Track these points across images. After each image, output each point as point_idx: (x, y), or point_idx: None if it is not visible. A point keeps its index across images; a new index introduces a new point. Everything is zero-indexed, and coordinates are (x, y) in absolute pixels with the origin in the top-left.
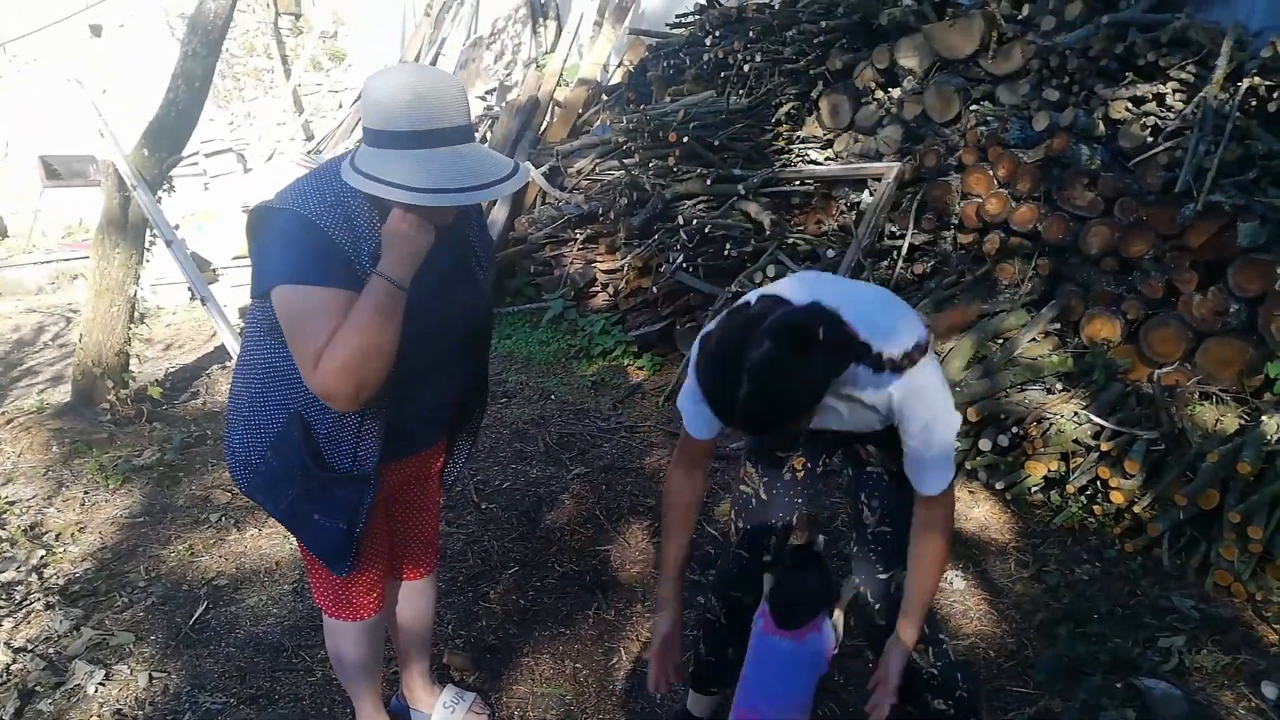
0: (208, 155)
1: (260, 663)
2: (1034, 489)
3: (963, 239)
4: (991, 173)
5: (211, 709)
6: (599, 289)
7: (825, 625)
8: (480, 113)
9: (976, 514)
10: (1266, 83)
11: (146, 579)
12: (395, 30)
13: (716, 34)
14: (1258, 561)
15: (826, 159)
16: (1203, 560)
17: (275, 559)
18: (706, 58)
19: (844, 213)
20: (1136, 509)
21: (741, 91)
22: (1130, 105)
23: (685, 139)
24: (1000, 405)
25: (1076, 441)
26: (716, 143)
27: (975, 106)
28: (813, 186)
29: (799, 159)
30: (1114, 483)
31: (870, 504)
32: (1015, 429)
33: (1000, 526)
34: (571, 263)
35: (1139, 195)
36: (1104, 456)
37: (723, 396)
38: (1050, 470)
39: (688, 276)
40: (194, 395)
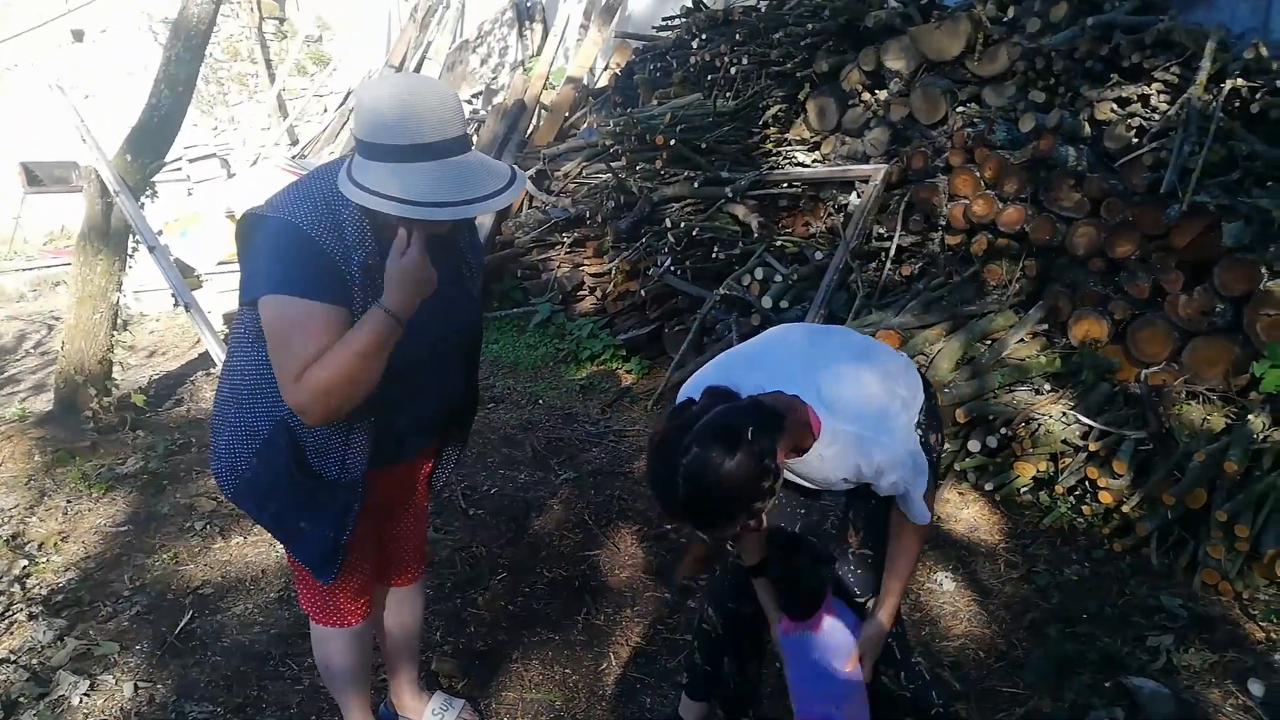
0: (191, 161)
1: (247, 671)
2: (1023, 490)
3: (950, 240)
4: (978, 174)
5: (198, 718)
6: (587, 292)
7: (836, 604)
8: (466, 116)
9: (966, 515)
10: (1249, 84)
11: (131, 588)
12: (380, 34)
13: (703, 37)
14: (1245, 560)
15: (814, 161)
16: (1191, 559)
17: (261, 567)
18: (693, 60)
19: (832, 215)
20: (1125, 509)
21: (728, 94)
22: (1115, 106)
23: (672, 142)
24: (989, 406)
25: (1065, 442)
26: (704, 145)
27: (962, 108)
28: (800, 189)
29: (786, 161)
30: (1102, 483)
31: (857, 524)
32: (1004, 430)
33: (989, 527)
34: (559, 266)
35: (1125, 196)
36: (1092, 457)
37: (666, 498)
38: (1039, 471)
39: (676, 279)
40: (178, 403)
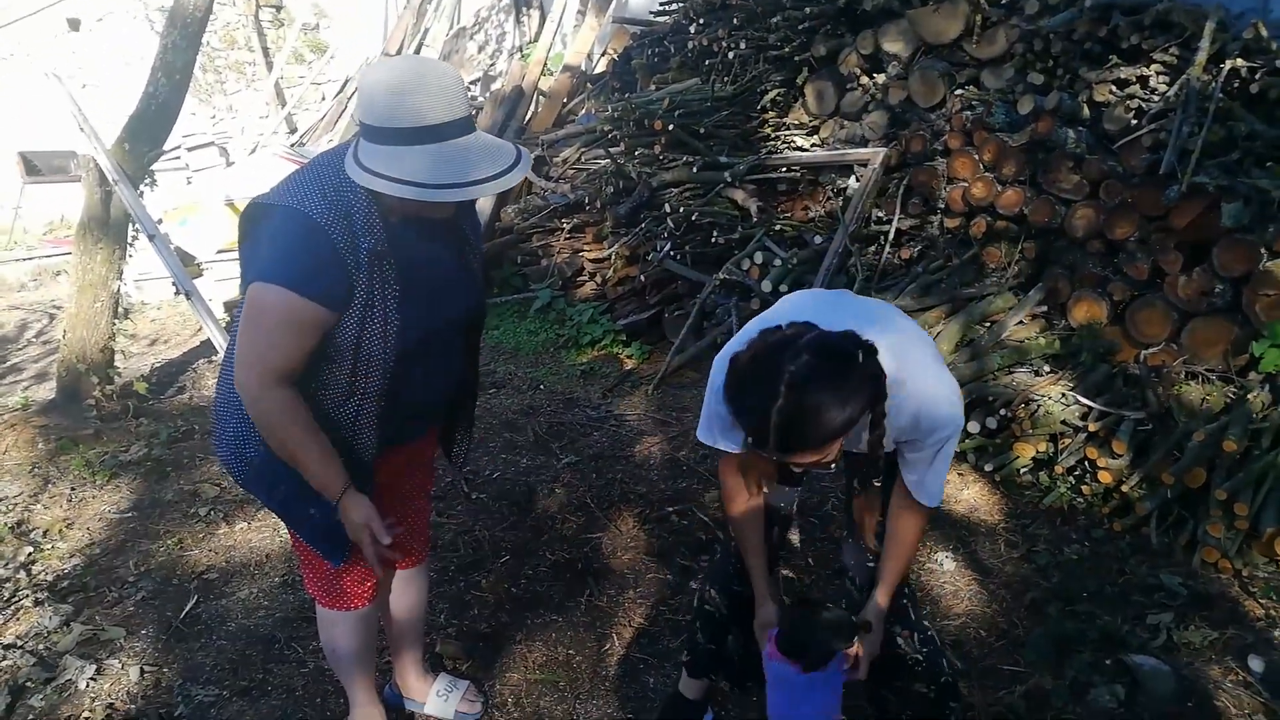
0: (190, 149)
1: (252, 655)
2: (1023, 470)
3: (949, 223)
4: (977, 157)
5: (204, 702)
6: (586, 278)
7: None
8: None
9: (966, 496)
10: (1248, 64)
11: (136, 574)
12: (378, 22)
13: (701, 21)
14: (1244, 538)
15: (812, 145)
16: (1190, 538)
17: (265, 552)
18: (691, 45)
19: (830, 199)
20: (1124, 488)
21: (727, 79)
22: (1114, 88)
23: (671, 127)
24: (988, 388)
25: (1064, 422)
26: (702, 130)
27: (960, 91)
28: (799, 173)
29: (785, 146)
30: (1102, 463)
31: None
32: (1003, 411)
33: (989, 508)
34: (559, 252)
35: (1124, 178)
36: (1092, 437)
37: (756, 412)
38: (1038, 451)
39: (675, 264)
40: (180, 390)
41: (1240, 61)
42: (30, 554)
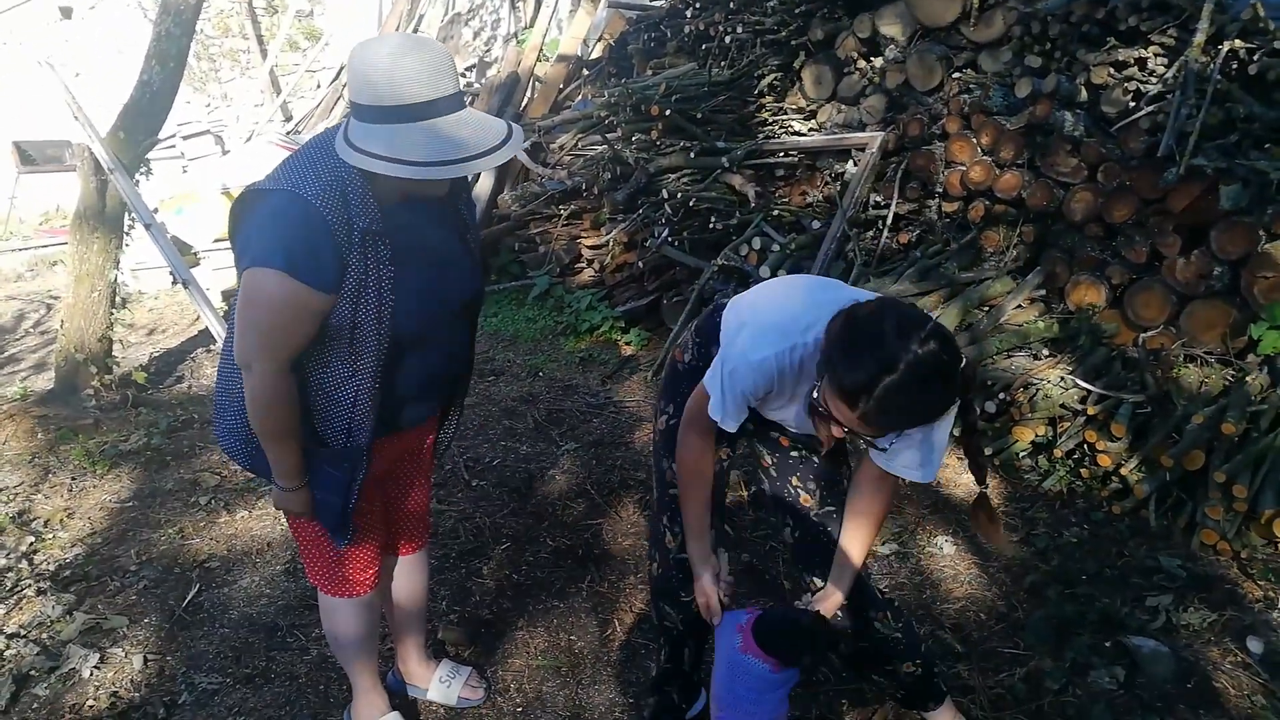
0: (185, 138)
1: (255, 643)
2: (1021, 454)
3: (947, 207)
4: (975, 140)
5: (208, 689)
6: (584, 265)
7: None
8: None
9: (965, 480)
10: (1247, 45)
11: (138, 563)
12: (372, 7)
13: (697, 6)
14: (1243, 520)
15: (810, 130)
16: (1189, 520)
17: (267, 540)
18: (688, 30)
19: (828, 183)
20: (1123, 471)
21: (723, 63)
22: (1112, 70)
23: (668, 112)
24: (987, 372)
25: (1063, 406)
26: (699, 115)
27: (958, 74)
28: (797, 158)
29: (782, 130)
30: (1101, 446)
31: (807, 486)
32: (1002, 395)
33: (988, 492)
34: (556, 239)
35: (1122, 160)
36: (1090, 420)
37: (865, 374)
38: (1037, 435)
39: (673, 250)
40: (179, 379)
41: (1239, 43)
42: (32, 544)
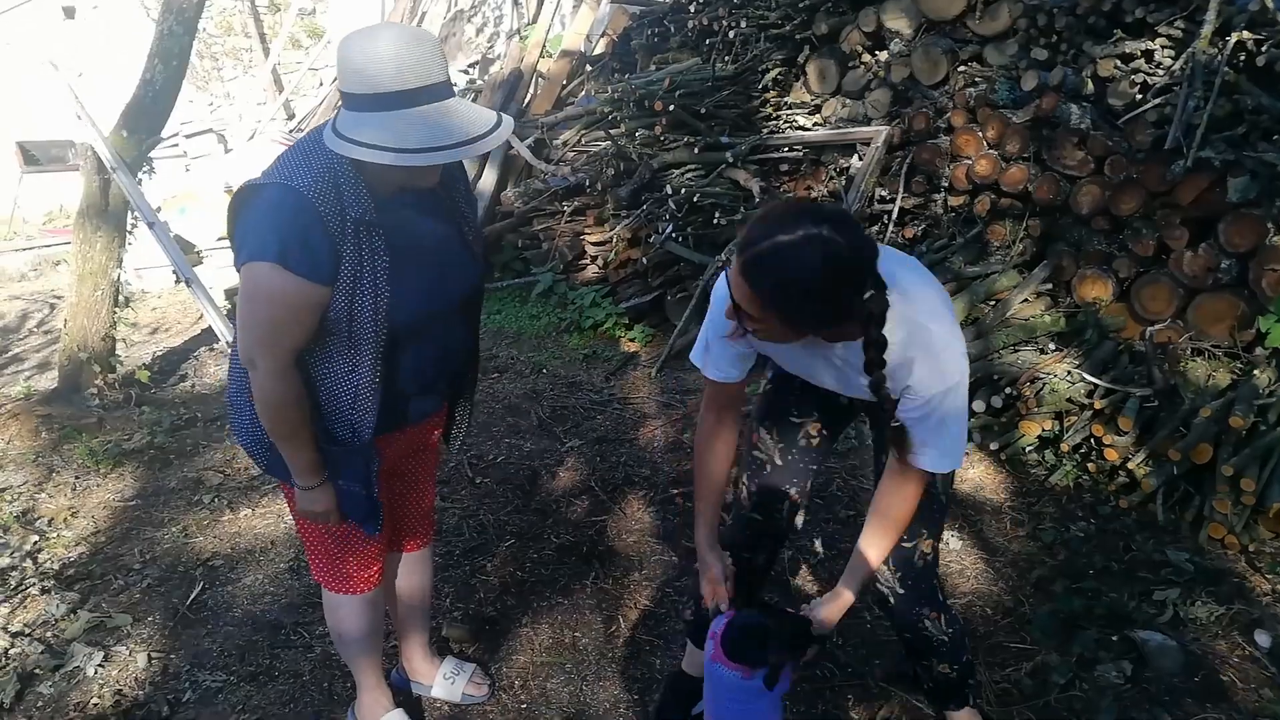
0: (188, 137)
1: (259, 640)
2: (1028, 449)
3: (953, 201)
4: (981, 134)
5: (212, 687)
6: (588, 261)
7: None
8: (463, 87)
9: (972, 475)
10: (1255, 36)
11: (141, 561)
12: (375, 4)
13: (700, 1)
14: (1250, 513)
15: (815, 124)
16: (1196, 514)
17: (270, 538)
18: (691, 25)
19: (833, 178)
20: (1130, 465)
21: (727, 58)
22: (1119, 63)
23: (672, 107)
24: (994, 366)
25: (1070, 400)
26: (703, 110)
27: (963, 68)
28: (801, 152)
29: (787, 125)
30: (1108, 440)
31: (803, 488)
32: (1009, 389)
33: (995, 486)
34: (560, 235)
35: (1129, 153)
36: (1098, 414)
37: (756, 235)
38: (1044, 430)
39: (677, 246)
40: (182, 378)
41: (1246, 34)
42: (36, 542)
